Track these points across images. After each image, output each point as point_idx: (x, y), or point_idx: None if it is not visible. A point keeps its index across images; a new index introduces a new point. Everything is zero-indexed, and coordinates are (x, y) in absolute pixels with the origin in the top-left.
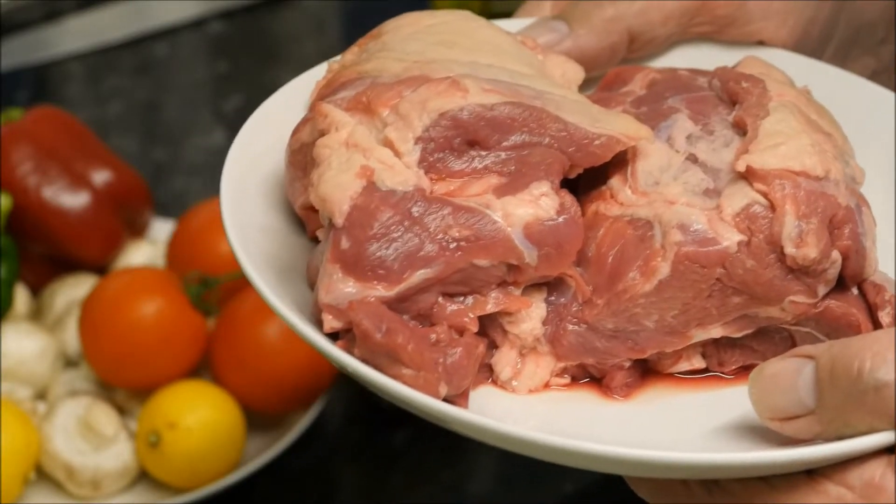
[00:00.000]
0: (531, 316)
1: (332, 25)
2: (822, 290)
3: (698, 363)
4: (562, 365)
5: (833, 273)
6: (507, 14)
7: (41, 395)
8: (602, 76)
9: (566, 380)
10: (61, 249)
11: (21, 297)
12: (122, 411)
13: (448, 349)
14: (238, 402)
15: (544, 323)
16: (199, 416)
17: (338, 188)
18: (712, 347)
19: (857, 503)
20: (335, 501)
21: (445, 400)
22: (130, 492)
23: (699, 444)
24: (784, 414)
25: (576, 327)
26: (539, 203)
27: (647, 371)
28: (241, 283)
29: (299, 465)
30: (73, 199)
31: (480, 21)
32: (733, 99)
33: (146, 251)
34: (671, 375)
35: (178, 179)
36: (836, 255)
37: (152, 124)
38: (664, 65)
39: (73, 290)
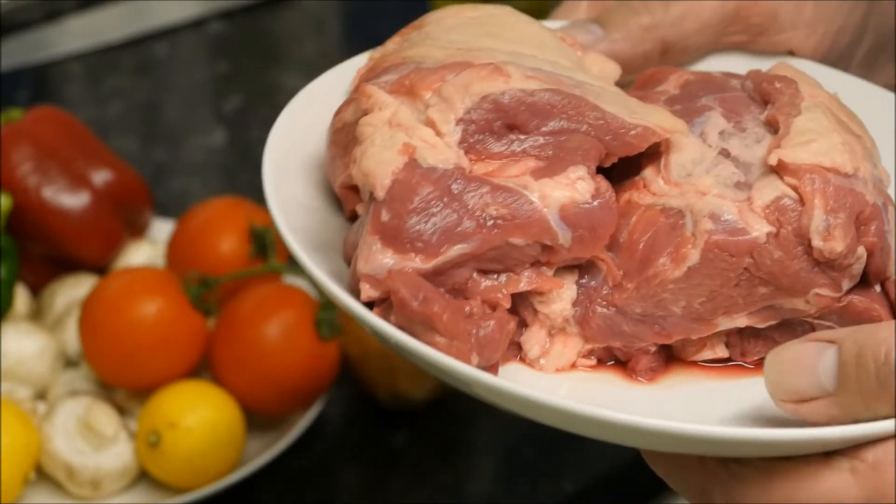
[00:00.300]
0: (562, 297)
1: (332, 25)
2: (846, 285)
3: (721, 352)
4: (589, 346)
5: (858, 268)
6: None
7: (41, 395)
8: (634, 80)
9: (592, 361)
10: (61, 249)
11: (21, 297)
12: (122, 411)
13: (481, 322)
14: (238, 403)
15: (574, 304)
16: (199, 416)
17: (380, 163)
18: (736, 337)
19: (868, 475)
20: (335, 501)
21: (482, 367)
22: (130, 492)
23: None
24: (800, 396)
25: (605, 310)
26: (575, 186)
27: (671, 357)
28: (241, 283)
29: (299, 465)
30: (73, 199)
31: (522, 16)
32: (766, 99)
33: (146, 251)
34: (694, 363)
35: (178, 179)
36: (861, 250)
37: (152, 124)
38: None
39: (73, 290)
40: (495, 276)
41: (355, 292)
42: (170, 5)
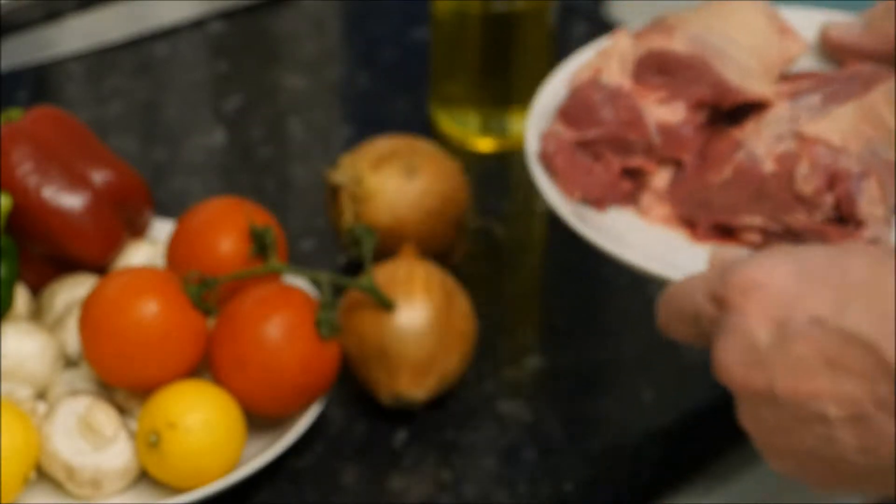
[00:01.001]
0: (661, 177)
1: (332, 25)
2: (818, 216)
3: (756, 240)
4: (674, 210)
5: (826, 207)
6: (508, 14)
7: (41, 395)
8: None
9: (675, 220)
10: (61, 249)
11: (21, 297)
12: (122, 411)
13: (592, 174)
14: (238, 403)
15: (669, 183)
16: (198, 416)
17: (578, 75)
18: (766, 234)
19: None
20: (335, 501)
21: (585, 201)
22: (130, 492)
23: None
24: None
25: (682, 191)
26: (674, 112)
27: (725, 233)
28: (241, 283)
29: (299, 465)
30: (73, 200)
31: (751, 4)
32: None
33: (146, 251)
34: (740, 240)
35: (178, 179)
36: (829, 197)
37: (152, 124)
38: None
39: (73, 290)
40: (621, 155)
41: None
42: (170, 5)
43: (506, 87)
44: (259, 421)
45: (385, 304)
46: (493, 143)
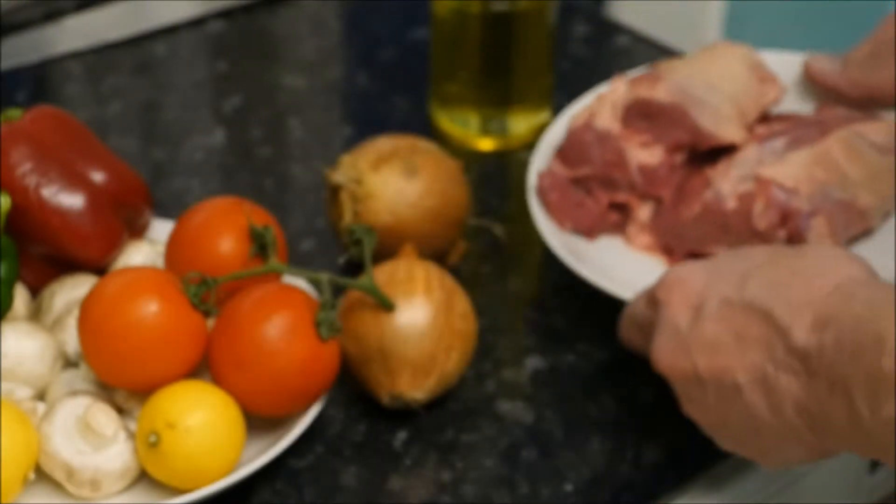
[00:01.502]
0: (644, 211)
1: (332, 25)
2: None
3: None
4: (655, 240)
5: (779, 242)
6: (508, 14)
7: (41, 395)
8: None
9: (654, 248)
10: (61, 249)
11: (20, 297)
12: (121, 411)
13: (583, 207)
14: (238, 403)
15: (651, 216)
16: (198, 417)
17: (575, 118)
18: None
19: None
20: (335, 501)
21: (577, 231)
22: (130, 492)
23: None
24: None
25: (661, 223)
26: (652, 154)
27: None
28: (240, 283)
29: (299, 466)
30: (72, 199)
31: (736, 53)
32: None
33: (146, 251)
34: None
35: (178, 179)
36: (781, 232)
37: (152, 124)
38: None
39: (72, 291)
40: (609, 191)
41: None
42: (169, 5)
43: (506, 87)
44: (259, 421)
45: (385, 305)
46: (493, 142)
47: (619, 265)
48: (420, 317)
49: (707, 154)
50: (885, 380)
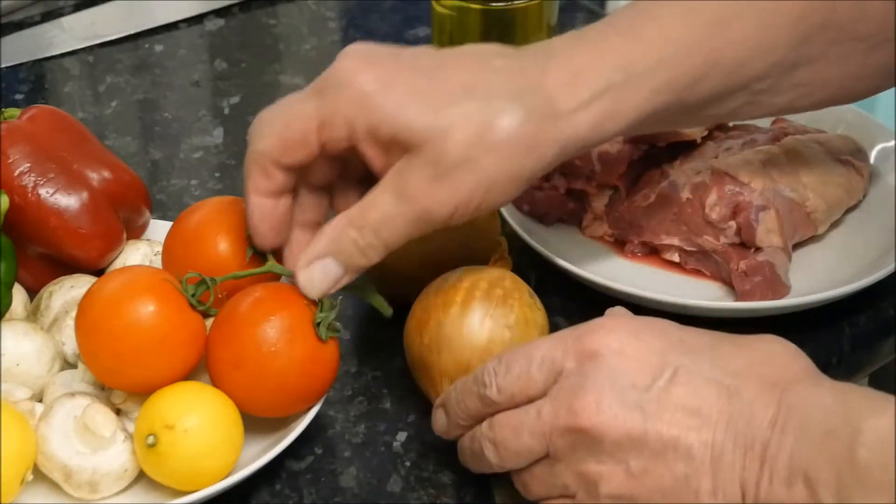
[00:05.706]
0: (600, 200)
1: (331, 24)
2: (723, 240)
3: (675, 258)
4: (609, 230)
5: (730, 233)
6: (508, 11)
7: (38, 395)
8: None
9: (609, 238)
10: (59, 249)
11: (18, 297)
12: (119, 412)
13: (539, 191)
14: (236, 404)
15: (606, 205)
16: (196, 418)
17: None
18: (683, 252)
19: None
20: (335, 502)
21: (532, 216)
22: (128, 493)
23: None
24: None
25: (616, 213)
26: (612, 143)
27: (652, 251)
28: (239, 283)
29: (298, 467)
30: (70, 199)
31: None
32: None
33: (144, 251)
34: (662, 259)
35: (176, 178)
36: (732, 223)
37: (150, 123)
38: None
39: (70, 291)
40: (568, 178)
41: None
42: (168, 4)
43: None
44: (258, 422)
45: (382, 311)
46: None
47: (570, 252)
48: (499, 327)
49: (666, 151)
50: (856, 470)
